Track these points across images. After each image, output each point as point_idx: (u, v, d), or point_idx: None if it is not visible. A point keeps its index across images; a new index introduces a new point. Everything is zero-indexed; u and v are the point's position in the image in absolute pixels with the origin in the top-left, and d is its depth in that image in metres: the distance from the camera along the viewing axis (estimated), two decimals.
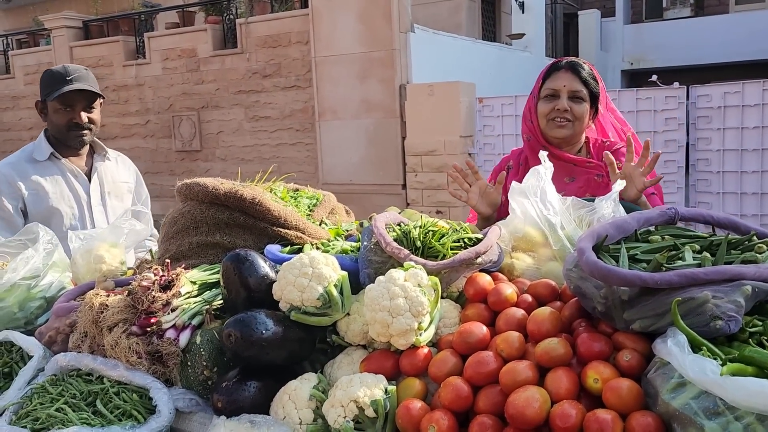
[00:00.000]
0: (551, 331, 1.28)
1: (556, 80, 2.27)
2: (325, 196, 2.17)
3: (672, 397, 1.03)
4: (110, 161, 2.85)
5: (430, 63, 8.18)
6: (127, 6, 12.32)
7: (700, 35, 14.88)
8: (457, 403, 1.21)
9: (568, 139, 2.29)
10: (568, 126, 2.25)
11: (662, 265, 1.20)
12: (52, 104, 2.59)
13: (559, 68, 2.28)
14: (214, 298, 1.57)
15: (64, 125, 2.61)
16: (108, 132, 10.16)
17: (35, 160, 2.64)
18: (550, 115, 2.26)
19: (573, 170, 2.27)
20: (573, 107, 2.23)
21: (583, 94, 2.24)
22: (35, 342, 1.63)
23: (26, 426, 1.34)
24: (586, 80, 2.25)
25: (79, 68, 2.64)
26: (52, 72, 2.61)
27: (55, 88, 2.55)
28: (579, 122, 2.26)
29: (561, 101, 2.23)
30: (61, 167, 2.68)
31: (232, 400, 1.34)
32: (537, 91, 2.33)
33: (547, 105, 2.27)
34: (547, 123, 2.28)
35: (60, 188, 2.64)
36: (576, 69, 2.25)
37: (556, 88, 2.25)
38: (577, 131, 2.28)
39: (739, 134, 6.35)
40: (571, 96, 2.24)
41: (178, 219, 1.80)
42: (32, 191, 2.58)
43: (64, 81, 2.55)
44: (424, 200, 7.82)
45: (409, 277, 1.36)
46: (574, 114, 2.23)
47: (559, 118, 2.24)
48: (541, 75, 2.35)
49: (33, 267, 1.83)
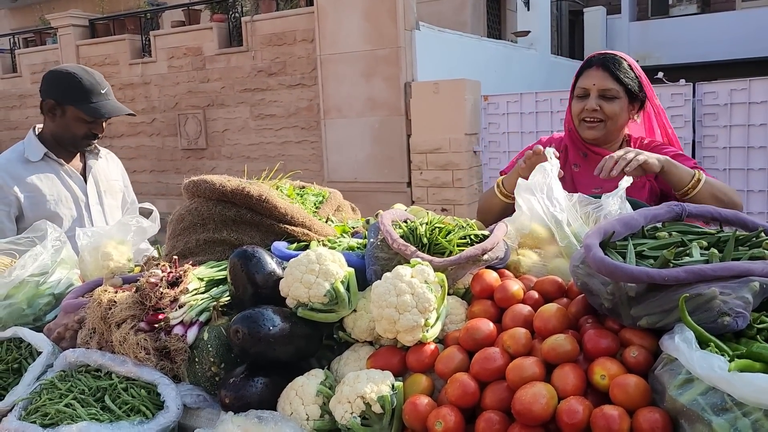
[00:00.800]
0: (558, 328, 1.28)
1: (586, 78, 2.21)
2: (331, 193, 2.17)
3: (679, 394, 1.03)
4: (101, 159, 2.79)
5: (435, 61, 8.17)
6: (133, 4, 12.34)
7: (707, 32, 14.82)
8: (464, 399, 1.21)
9: (601, 140, 2.23)
10: (598, 127, 2.19)
11: (670, 262, 1.20)
12: (74, 112, 2.50)
13: (591, 65, 2.22)
14: (221, 295, 1.58)
15: (81, 134, 2.56)
16: (114, 130, 10.20)
17: (28, 160, 2.55)
18: (581, 115, 2.21)
19: None
20: (603, 106, 2.16)
21: (615, 92, 2.16)
22: (44, 338, 1.64)
23: (35, 421, 1.35)
24: (619, 77, 2.16)
25: (102, 77, 2.57)
26: (78, 79, 2.49)
27: (87, 99, 2.48)
28: (611, 121, 2.18)
29: (590, 101, 2.17)
30: (56, 168, 2.60)
31: (240, 396, 1.34)
32: (572, 89, 2.28)
33: (578, 105, 2.22)
34: (579, 123, 2.23)
35: (57, 190, 2.57)
36: (607, 66, 2.17)
37: (586, 87, 2.20)
38: (609, 131, 2.21)
39: (745, 131, 6.32)
40: (601, 95, 2.17)
41: (186, 216, 1.81)
42: (29, 195, 2.50)
43: (100, 94, 2.50)
44: (429, 198, 7.81)
45: (415, 274, 1.36)
46: (605, 113, 2.17)
47: (588, 118, 2.19)
48: (576, 72, 2.28)
49: (41, 264, 1.84)
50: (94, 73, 2.56)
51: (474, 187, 7.82)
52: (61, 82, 2.52)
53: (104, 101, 2.52)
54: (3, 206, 2.46)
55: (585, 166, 2.25)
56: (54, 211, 2.53)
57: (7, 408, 1.46)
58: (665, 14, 16.23)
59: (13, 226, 2.48)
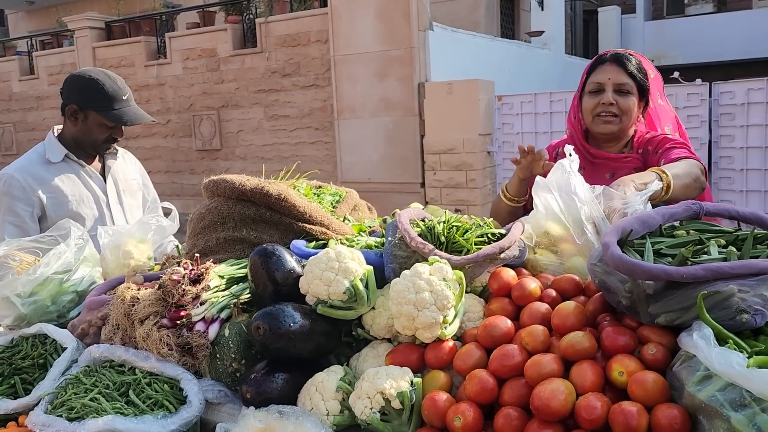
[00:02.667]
0: (576, 325, 1.29)
1: (600, 73, 2.20)
2: (347, 193, 2.19)
3: (698, 390, 1.03)
4: (119, 159, 2.83)
5: (449, 61, 8.18)
6: (148, 6, 12.47)
7: (723, 31, 14.69)
8: (483, 396, 1.23)
9: (616, 135, 2.22)
10: (614, 121, 2.18)
11: (688, 259, 1.20)
12: (96, 117, 2.53)
13: (604, 61, 2.21)
14: (242, 292, 1.60)
15: (102, 137, 2.58)
16: (129, 131, 10.29)
17: (49, 161, 2.58)
18: (595, 110, 2.19)
19: (613, 166, 2.22)
20: (619, 100, 2.16)
21: (629, 87, 2.16)
22: (68, 334, 1.68)
23: (62, 415, 1.38)
24: (632, 72, 2.16)
25: (125, 83, 2.60)
26: (101, 85, 2.51)
27: (110, 106, 2.51)
28: (626, 116, 2.18)
29: (606, 95, 2.16)
30: (77, 168, 2.64)
31: (261, 392, 1.37)
32: (581, 87, 2.27)
33: (592, 100, 2.20)
34: (593, 119, 2.21)
35: (79, 190, 2.61)
36: (621, 61, 2.18)
37: (600, 82, 2.18)
38: (624, 126, 2.20)
39: (763, 131, 6.26)
40: (616, 89, 2.16)
41: (206, 215, 1.84)
42: (51, 196, 2.54)
43: (122, 101, 2.53)
44: (442, 198, 7.82)
45: (434, 271, 1.38)
46: (620, 108, 2.16)
47: (604, 113, 2.17)
48: (585, 70, 2.28)
49: (65, 262, 1.87)
50: (116, 79, 2.59)
51: (488, 187, 7.81)
52: (84, 87, 2.54)
53: (126, 108, 2.55)
54: (26, 207, 2.50)
55: (590, 168, 2.25)
56: (76, 211, 2.56)
57: (33, 402, 1.49)
58: (681, 13, 16.11)
59: (36, 226, 2.52)
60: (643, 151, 2.21)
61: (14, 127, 12.14)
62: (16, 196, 2.48)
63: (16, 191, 2.49)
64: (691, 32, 15.13)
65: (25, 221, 2.50)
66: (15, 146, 12.09)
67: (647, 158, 2.18)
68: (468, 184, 7.69)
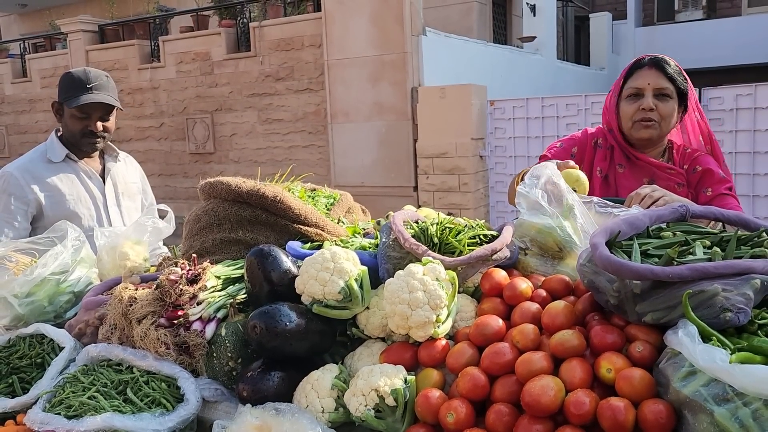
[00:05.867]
0: (565, 324, 1.32)
1: (639, 78, 2.16)
2: (341, 195, 2.22)
3: (683, 385, 1.07)
4: (120, 162, 2.86)
5: (442, 66, 8.23)
6: (142, 10, 12.47)
7: (713, 38, 14.83)
8: (475, 392, 1.26)
9: (654, 141, 2.20)
10: (654, 126, 2.15)
11: (674, 260, 1.24)
12: (69, 110, 2.57)
13: (642, 65, 2.18)
14: (238, 293, 1.62)
15: (79, 132, 2.60)
16: (123, 134, 10.29)
17: (50, 161, 2.62)
18: (635, 116, 2.16)
19: (654, 173, 2.20)
20: (659, 105, 2.13)
21: (669, 91, 2.13)
22: (66, 334, 1.70)
23: (60, 413, 1.40)
24: (672, 77, 2.13)
25: (100, 75, 2.61)
26: (73, 76, 2.57)
27: (74, 95, 2.53)
28: (666, 122, 2.15)
29: (646, 99, 2.13)
30: (76, 169, 2.67)
31: (257, 390, 1.39)
32: (618, 91, 2.24)
33: (631, 105, 2.17)
34: (632, 125, 2.18)
35: (77, 190, 2.64)
36: (661, 65, 2.14)
37: (640, 87, 2.15)
38: (663, 131, 2.18)
39: (751, 136, 6.34)
40: (656, 94, 2.13)
41: (202, 216, 1.86)
42: (49, 194, 2.57)
43: (85, 89, 2.53)
44: (435, 202, 7.86)
45: (427, 272, 1.41)
46: (660, 113, 2.13)
47: (645, 119, 2.14)
48: (622, 74, 2.24)
49: (62, 263, 1.89)
50: (90, 71, 2.59)
51: (480, 191, 7.86)
52: (61, 82, 2.61)
53: (87, 94, 2.52)
54: (21, 204, 2.52)
55: (629, 168, 2.24)
56: (73, 210, 2.59)
57: (31, 400, 1.51)
58: (671, 20, 16.25)
59: (27, 225, 2.54)
60: (687, 168, 2.19)
61: (6, 130, 12.10)
62: (12, 194, 2.52)
63: (13, 189, 2.52)
64: (681, 38, 15.26)
65: (16, 217, 2.52)
66: (7, 149, 12.05)
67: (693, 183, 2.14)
68: (461, 188, 7.73)
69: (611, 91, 2.29)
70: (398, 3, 7.74)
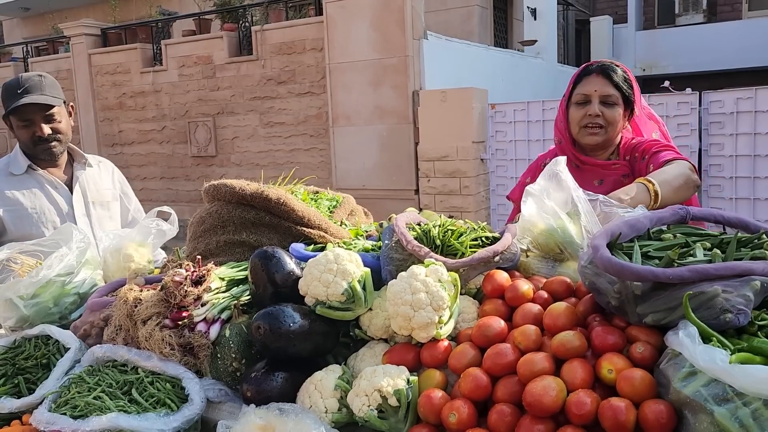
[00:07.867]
0: (566, 325, 1.33)
1: (586, 85, 2.23)
2: (344, 198, 2.24)
3: (683, 385, 1.08)
4: (92, 168, 2.71)
5: (443, 69, 8.26)
6: (144, 14, 12.51)
7: (713, 41, 14.86)
8: (477, 393, 1.27)
9: (601, 145, 2.26)
10: (600, 132, 2.22)
11: (674, 261, 1.25)
12: (12, 119, 2.45)
13: (590, 72, 2.25)
14: (242, 294, 1.64)
15: (29, 140, 2.48)
16: (125, 138, 10.32)
17: (11, 174, 2.52)
18: (582, 121, 2.23)
19: (602, 173, 2.26)
20: (605, 112, 2.20)
21: (615, 98, 2.21)
22: (71, 335, 1.71)
23: (65, 413, 1.41)
24: (618, 84, 2.20)
25: (32, 76, 2.47)
26: (6, 86, 2.45)
27: (9, 103, 2.40)
28: (612, 127, 2.23)
29: (592, 106, 2.20)
30: (40, 180, 2.55)
31: (261, 390, 1.40)
32: (568, 96, 2.31)
33: (578, 111, 2.24)
34: (579, 130, 2.25)
35: (40, 203, 2.52)
36: (607, 73, 2.21)
37: (587, 93, 2.22)
38: (609, 136, 2.25)
39: (751, 140, 6.35)
40: (602, 101, 2.20)
41: (206, 218, 1.88)
42: (9, 209, 2.46)
43: (16, 95, 2.40)
44: (436, 205, 7.88)
45: (430, 273, 1.42)
46: (606, 119, 2.20)
47: (591, 125, 2.22)
48: (572, 80, 2.31)
49: (67, 264, 1.91)
50: (22, 76, 2.47)
51: (481, 194, 7.88)
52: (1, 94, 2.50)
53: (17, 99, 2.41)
54: None
55: (578, 174, 2.25)
56: (36, 224, 2.49)
57: (37, 401, 1.52)
58: (672, 23, 16.28)
59: None
60: (630, 157, 2.26)
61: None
62: None
63: None
64: (681, 42, 15.30)
65: None
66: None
67: (634, 165, 2.23)
68: (462, 191, 7.75)
69: (563, 96, 2.35)
70: (399, 7, 7.78)
